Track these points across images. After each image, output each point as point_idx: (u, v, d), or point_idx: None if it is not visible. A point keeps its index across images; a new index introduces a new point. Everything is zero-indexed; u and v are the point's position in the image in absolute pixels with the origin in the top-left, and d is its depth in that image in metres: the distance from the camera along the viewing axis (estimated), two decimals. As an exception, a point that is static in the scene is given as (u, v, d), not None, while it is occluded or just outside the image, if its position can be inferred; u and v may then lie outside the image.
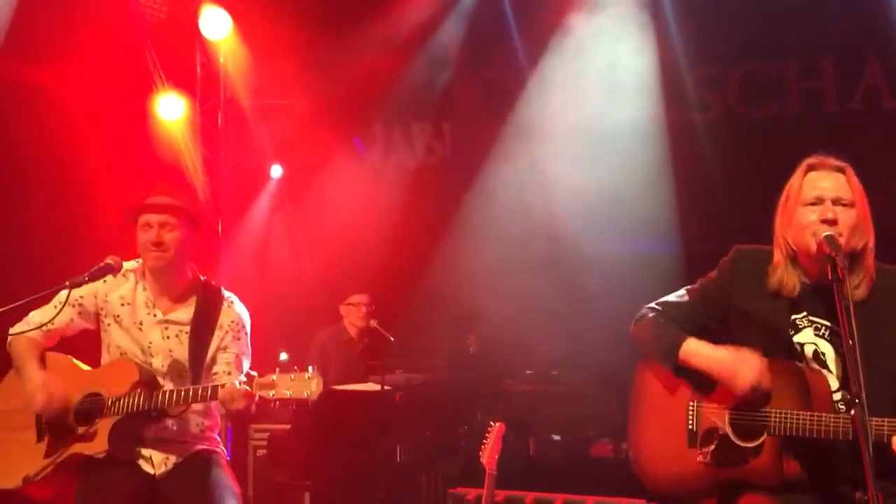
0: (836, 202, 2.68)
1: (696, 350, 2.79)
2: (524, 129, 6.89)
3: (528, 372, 6.16)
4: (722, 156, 6.67)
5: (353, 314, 6.16)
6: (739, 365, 2.67)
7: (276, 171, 7.70)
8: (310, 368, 3.03)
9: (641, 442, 3.00)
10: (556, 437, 6.16)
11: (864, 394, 2.35)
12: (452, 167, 7.57)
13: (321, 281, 7.06)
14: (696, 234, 6.30)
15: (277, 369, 3.06)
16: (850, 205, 2.68)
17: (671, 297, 3.00)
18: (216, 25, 6.47)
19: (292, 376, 3.01)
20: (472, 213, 6.80)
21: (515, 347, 6.07)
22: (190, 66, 6.85)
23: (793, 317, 2.77)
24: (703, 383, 2.82)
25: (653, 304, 3.01)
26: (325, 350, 6.00)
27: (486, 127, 7.15)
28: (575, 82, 6.65)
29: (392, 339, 5.96)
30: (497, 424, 3.87)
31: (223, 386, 3.09)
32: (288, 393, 3.00)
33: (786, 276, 2.75)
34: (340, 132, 7.54)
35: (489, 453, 3.82)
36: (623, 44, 6.53)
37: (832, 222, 2.65)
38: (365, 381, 5.59)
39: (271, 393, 3.02)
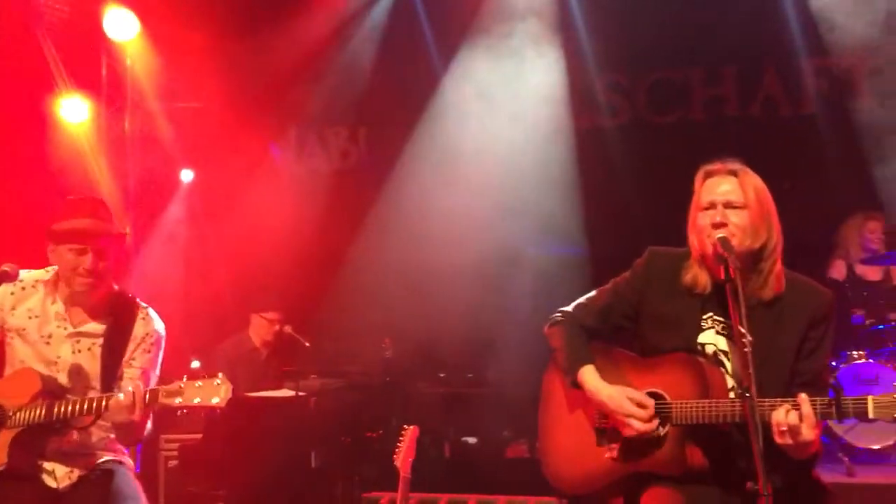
0: (727, 205, 2.78)
1: (590, 381, 2.87)
2: (437, 134, 6.94)
3: (441, 375, 6.18)
4: (631, 160, 6.87)
5: (264, 328, 6.10)
6: (627, 419, 2.76)
7: (187, 175, 7.54)
8: (219, 375, 2.97)
9: (552, 442, 3.05)
10: (472, 440, 6.19)
11: (754, 387, 2.46)
12: (368, 172, 7.56)
13: (234, 288, 6.95)
14: (607, 236, 6.45)
15: (185, 376, 2.99)
16: (743, 207, 2.77)
17: (585, 299, 3.07)
18: (122, 26, 6.30)
19: (199, 383, 2.95)
20: (385, 216, 6.81)
21: (430, 351, 6.09)
22: (95, 67, 6.66)
23: (701, 317, 2.87)
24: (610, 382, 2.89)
25: (567, 308, 3.08)
26: (230, 360, 5.91)
27: (401, 131, 7.17)
28: (487, 87, 6.74)
29: (307, 344, 5.90)
30: (411, 428, 3.86)
31: (112, 397, 3.00)
32: (196, 400, 2.94)
33: (699, 275, 2.85)
34: (254, 136, 7.43)
35: (403, 457, 3.81)
36: (534, 50, 6.66)
37: (720, 225, 2.75)
38: (277, 387, 5.53)
39: (178, 400, 2.95)
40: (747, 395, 2.44)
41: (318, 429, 5.36)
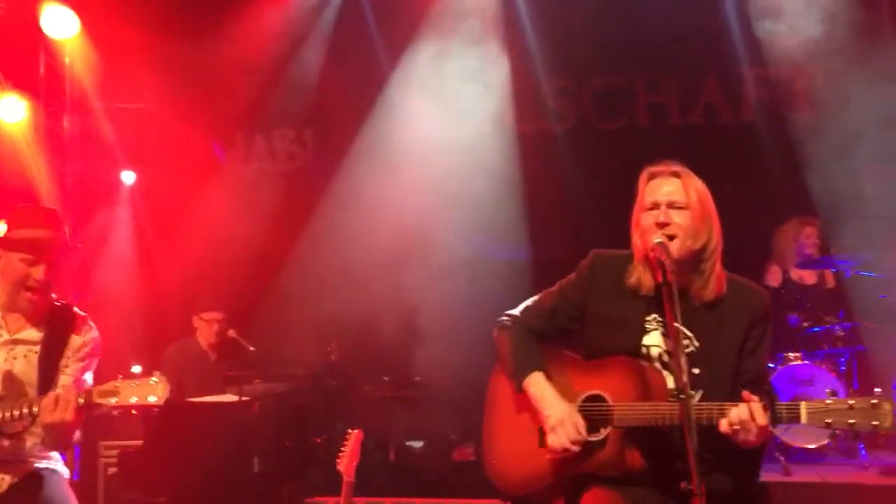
0: (670, 205, 2.83)
1: (535, 390, 2.90)
2: (383, 135, 6.93)
3: (385, 378, 6.17)
4: (576, 164, 6.95)
5: (206, 330, 6.04)
6: (557, 426, 2.79)
7: (129, 177, 7.40)
8: (155, 373, 2.94)
9: (495, 444, 3.07)
10: (418, 444, 6.18)
11: (688, 388, 2.51)
12: (315, 173, 7.51)
13: (177, 290, 6.84)
14: (551, 239, 6.50)
15: (120, 376, 2.95)
16: (685, 207, 2.82)
17: (531, 302, 3.09)
18: (60, 24, 6.16)
19: (136, 382, 2.92)
20: (330, 219, 6.78)
21: (376, 353, 6.08)
22: (33, 65, 6.49)
23: (645, 318, 2.91)
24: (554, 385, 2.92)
25: (514, 311, 3.09)
26: (177, 365, 5.83)
27: (348, 133, 7.14)
28: (433, 90, 6.76)
29: (252, 348, 5.84)
30: (355, 432, 3.85)
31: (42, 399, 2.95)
32: (133, 399, 2.90)
33: (643, 277, 2.89)
34: (198, 137, 7.33)
35: (347, 461, 3.80)
36: (480, 53, 6.70)
37: (663, 224, 2.80)
38: (222, 392, 5.46)
39: (113, 400, 2.91)
40: (682, 396, 2.47)
41: (261, 434, 5.31)
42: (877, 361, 6.05)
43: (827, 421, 2.53)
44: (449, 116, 6.66)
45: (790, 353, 5.93)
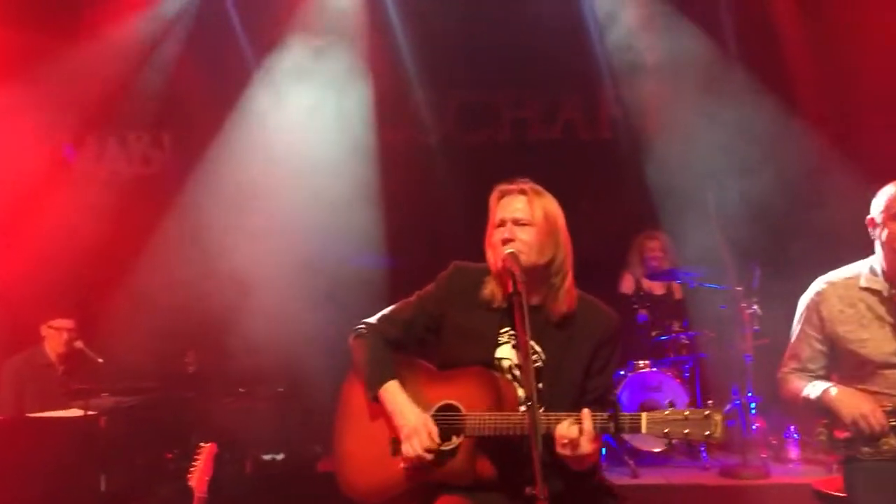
0: (516, 222, 2.91)
1: (390, 399, 2.92)
2: (243, 141, 6.79)
3: (241, 390, 6.02)
4: (440, 177, 7.03)
5: (55, 339, 5.71)
6: (412, 434, 2.83)
7: (-32, 177, 6.92)
8: None
9: (347, 452, 3.06)
10: (279, 456, 6.06)
11: (536, 396, 2.58)
12: (172, 177, 7.25)
13: (23, 297, 6.43)
14: (412, 248, 6.54)
15: None
16: (530, 224, 2.90)
17: (388, 311, 3.10)
18: None
19: None
20: (186, 225, 6.56)
21: (235, 364, 5.92)
22: None
23: (499, 331, 2.96)
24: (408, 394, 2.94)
25: (371, 320, 3.09)
26: (21, 376, 5.50)
27: (207, 138, 6.95)
28: (296, 96, 6.68)
29: (100, 360, 5.56)
30: (207, 445, 3.74)
31: None
32: None
33: (496, 290, 2.94)
34: (49, 138, 6.94)
35: (199, 476, 3.68)
36: (346, 62, 6.68)
37: (507, 241, 2.88)
38: (67, 407, 5.17)
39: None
40: (529, 403, 2.54)
41: (108, 450, 5.06)
42: (717, 368, 6.43)
43: (665, 431, 2.65)
44: (311, 122, 6.59)
45: (640, 361, 6.21)
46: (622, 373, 6.15)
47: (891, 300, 3.23)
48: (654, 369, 6.17)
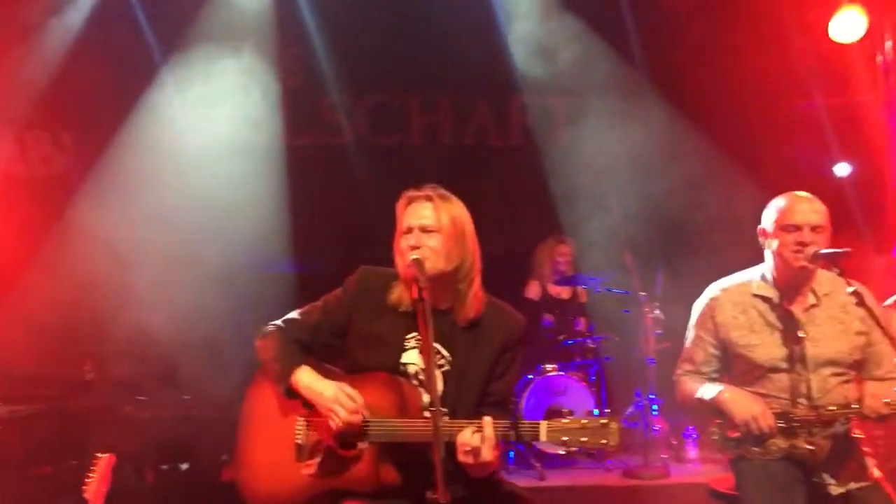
0: (422, 229, 2.94)
1: (306, 380, 2.90)
2: (146, 141, 6.60)
3: (141, 398, 5.85)
4: (350, 179, 6.98)
5: None
6: (333, 406, 2.82)
7: None
8: None
9: (250, 459, 3.02)
10: (184, 465, 5.92)
11: (440, 402, 2.61)
12: (73, 178, 6.98)
13: None
14: (319, 253, 6.46)
15: None
16: (436, 231, 2.93)
17: (296, 315, 3.07)
18: None
19: None
20: (88, 229, 6.32)
21: (137, 372, 5.75)
22: None
23: (405, 336, 2.98)
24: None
25: (278, 322, 3.06)
26: None
27: (109, 139, 6.72)
28: (202, 96, 6.53)
29: (-8, 368, 5.34)
30: (105, 456, 3.63)
31: None
32: None
33: (403, 295, 2.96)
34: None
35: (96, 488, 3.57)
36: (254, 62, 6.57)
37: (414, 248, 2.91)
38: (-46, 417, 4.94)
39: None
40: (433, 408, 2.56)
41: (1, 461, 4.85)
42: (621, 371, 6.60)
43: (563, 439, 2.72)
44: (217, 124, 6.45)
45: (547, 365, 6.31)
46: (530, 377, 6.24)
47: (780, 307, 3.38)
48: (561, 373, 6.28)
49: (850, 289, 3.09)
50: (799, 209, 3.31)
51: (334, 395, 2.81)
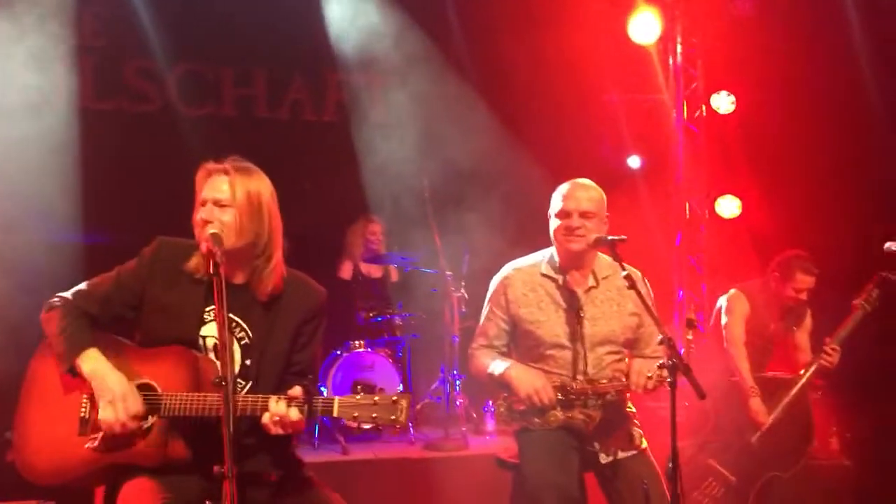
0: (216, 203, 2.89)
1: (92, 365, 2.80)
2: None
3: None
4: (156, 148, 6.68)
5: None
6: (117, 401, 2.74)
7: None
8: None
9: (29, 432, 2.87)
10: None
11: (234, 375, 2.62)
12: None
13: None
14: (113, 223, 6.12)
15: None
16: (230, 205, 2.89)
17: (85, 286, 2.95)
18: None
19: None
20: None
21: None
22: None
23: (205, 309, 2.94)
24: None
25: (66, 294, 2.92)
26: None
27: None
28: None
29: None
30: None
31: None
32: None
33: (201, 264, 2.91)
34: None
35: None
36: (53, 22, 6.11)
37: (207, 222, 2.87)
38: None
39: None
40: (223, 383, 2.56)
41: None
42: (427, 348, 6.81)
43: (354, 415, 2.81)
44: (7, 88, 5.94)
45: (356, 342, 6.40)
46: (338, 353, 6.31)
47: (565, 287, 3.64)
48: (369, 350, 6.39)
49: (624, 272, 3.36)
50: (572, 195, 3.59)
51: (122, 395, 2.74)
